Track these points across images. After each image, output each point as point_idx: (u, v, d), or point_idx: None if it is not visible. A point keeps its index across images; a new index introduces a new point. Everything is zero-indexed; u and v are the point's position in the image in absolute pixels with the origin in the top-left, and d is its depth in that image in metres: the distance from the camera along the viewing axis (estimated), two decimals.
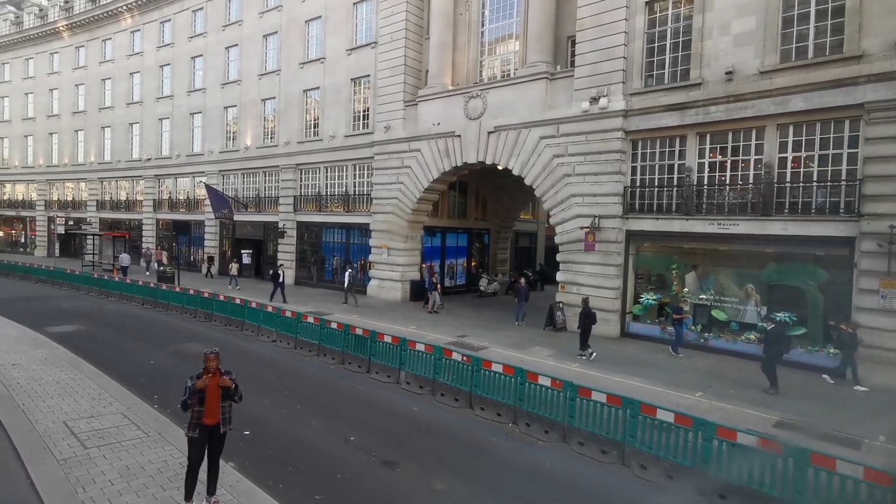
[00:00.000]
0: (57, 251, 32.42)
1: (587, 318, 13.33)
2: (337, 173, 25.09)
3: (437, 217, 23.41)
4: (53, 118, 40.67)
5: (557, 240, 17.01)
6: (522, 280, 18.36)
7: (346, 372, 11.24)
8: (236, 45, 29.62)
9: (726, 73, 13.59)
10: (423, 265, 22.71)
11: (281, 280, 20.36)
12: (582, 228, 15.99)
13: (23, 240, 44.06)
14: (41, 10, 42.22)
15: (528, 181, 17.77)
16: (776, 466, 6.02)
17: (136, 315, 17.20)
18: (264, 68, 28.27)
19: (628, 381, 10.93)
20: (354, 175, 24.36)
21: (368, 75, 23.48)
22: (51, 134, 41.00)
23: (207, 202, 30.80)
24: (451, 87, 20.51)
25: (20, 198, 43.36)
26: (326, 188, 25.50)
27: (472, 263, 26.65)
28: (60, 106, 40.27)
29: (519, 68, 18.90)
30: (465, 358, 9.42)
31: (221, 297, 15.93)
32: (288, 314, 13.34)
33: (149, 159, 34.42)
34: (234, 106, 29.77)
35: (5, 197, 44.29)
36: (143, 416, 7.71)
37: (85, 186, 39.06)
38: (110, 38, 37.11)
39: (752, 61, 13.37)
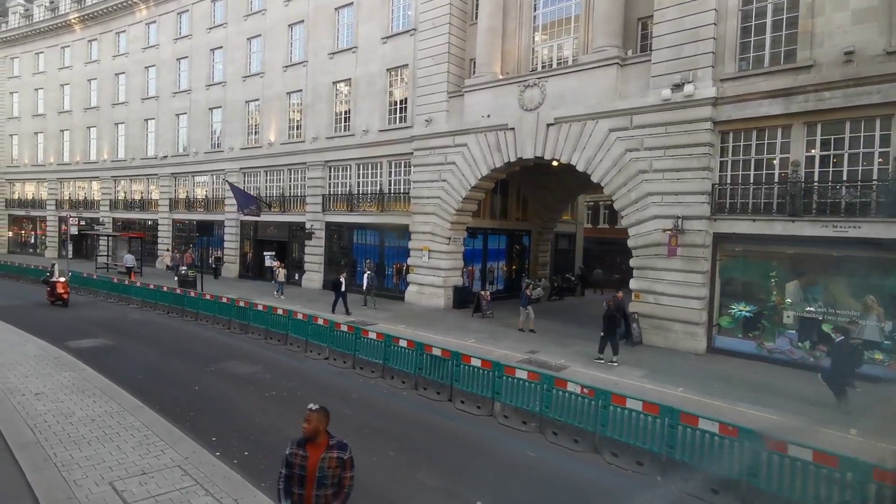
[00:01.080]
0: (70, 252, 30.93)
1: (611, 320, 12.47)
2: (370, 171, 23.44)
3: (478, 217, 21.72)
4: (65, 115, 39.23)
5: (631, 243, 15.29)
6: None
7: (423, 400, 9.58)
8: (259, 35, 28.03)
9: (845, 54, 11.85)
10: (464, 269, 21.08)
11: (343, 289, 18.38)
12: (664, 231, 14.26)
13: (33, 240, 42.66)
14: (52, 2, 40.75)
15: (595, 178, 16.06)
16: None
17: (163, 325, 15.60)
18: (290, 59, 26.67)
19: (754, 410, 9.24)
20: (390, 172, 22.70)
21: (406, 65, 21.82)
22: (62, 131, 39.56)
23: (227, 201, 29.40)
24: (501, 77, 18.83)
25: (30, 197, 41.96)
26: (358, 187, 23.86)
27: (512, 267, 24.96)
28: (72, 102, 38.82)
29: (580, 54, 17.22)
30: (585, 391, 7.74)
31: (260, 307, 14.28)
32: (344, 328, 11.67)
33: (165, 157, 32.89)
34: (257, 100, 28.17)
35: (15, 196, 42.90)
36: (208, 471, 6.06)
37: (97, 185, 37.59)
38: (124, 31, 35.61)
39: (876, 40, 11.63)
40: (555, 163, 18.62)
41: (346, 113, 24.30)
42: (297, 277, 26.53)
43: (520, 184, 23.90)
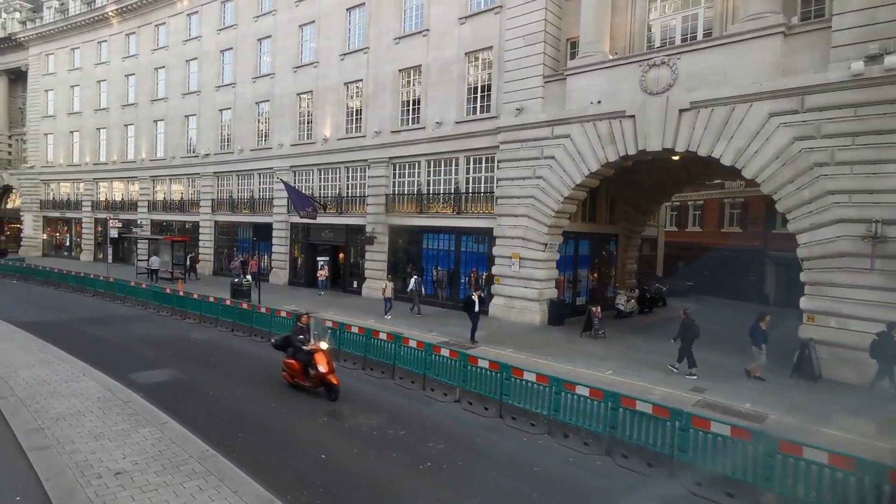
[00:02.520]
0: (110, 256, 29.08)
1: (689, 330, 11.93)
2: (443, 168, 20.91)
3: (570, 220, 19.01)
4: (101, 112, 37.61)
5: (803, 253, 12.45)
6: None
7: (639, 478, 6.92)
8: (312, 22, 25.76)
9: None
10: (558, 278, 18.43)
11: (477, 309, 14.56)
12: (864, 238, 11.37)
13: (68, 243, 41.20)
14: None
15: (748, 173, 13.25)
16: None
17: (234, 349, 13.23)
18: (347, 47, 24.32)
19: None
20: (468, 170, 20.14)
21: (489, 47, 19.24)
22: (98, 129, 37.96)
23: (276, 202, 27.23)
24: (612, 56, 16.13)
25: (65, 198, 40.49)
26: (429, 185, 21.35)
27: (595, 275, 22.17)
28: (109, 99, 37.18)
29: (716, 26, 14.44)
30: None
31: (355, 330, 11.78)
32: (484, 364, 9.06)
33: (207, 155, 30.87)
34: (310, 92, 25.90)
35: (50, 198, 41.51)
36: None
37: (135, 186, 35.82)
38: (164, 23, 33.77)
39: None
40: (675, 157, 15.88)
41: (414, 104, 21.83)
42: (355, 285, 24.16)
43: (608, 182, 21.11)
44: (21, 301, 19.69)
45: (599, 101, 15.82)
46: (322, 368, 9.19)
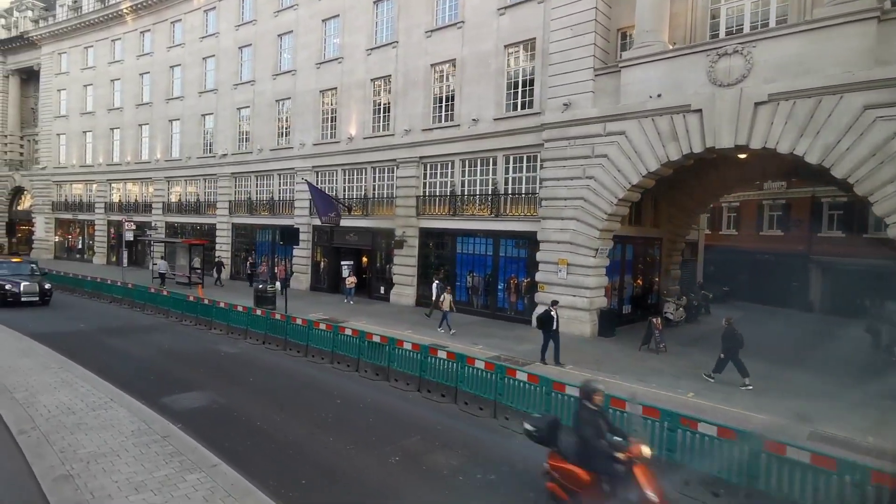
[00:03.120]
0: (125, 260, 28.08)
1: (733, 339, 11.56)
2: (479, 167, 19.72)
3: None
4: (115, 112, 36.72)
5: None
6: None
7: None
8: (336, 16, 24.67)
9: None
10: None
11: (555, 326, 12.74)
12: None
13: (80, 245, 40.34)
14: None
15: (839, 172, 11.96)
16: None
17: (271, 365, 12.03)
18: (374, 42, 23.20)
19: None
20: (507, 169, 18.93)
21: (532, 39, 18.05)
22: (112, 129, 37.07)
23: (297, 204, 26.15)
24: (673, 46, 14.89)
25: (78, 200, 39.63)
26: (464, 186, 20.16)
27: (639, 282, 20.89)
28: (123, 98, 36.29)
29: (790, 12, 13.17)
30: None
31: (408, 346, 10.57)
32: (575, 392, 7.85)
33: (224, 155, 29.85)
34: (334, 89, 24.80)
35: (62, 199, 40.67)
36: None
37: (150, 187, 34.87)
38: (180, 20, 32.82)
39: None
40: (742, 156, 14.61)
41: (447, 100, 20.66)
42: (382, 291, 23.01)
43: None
44: (36, 308, 18.68)
45: (660, 95, 14.58)
46: (652, 497, 4.97)
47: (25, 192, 43.83)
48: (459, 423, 8.75)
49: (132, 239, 28.37)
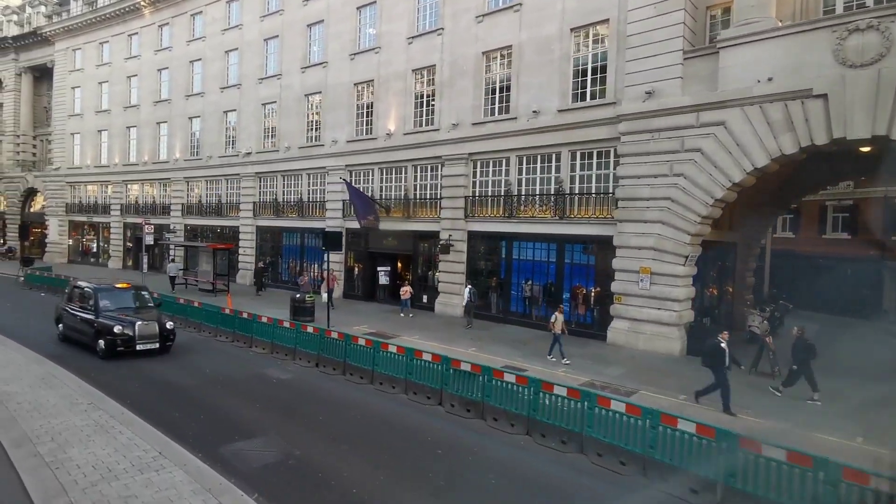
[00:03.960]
0: (145, 265, 26.37)
1: (805, 351, 10.71)
2: (540, 164, 17.82)
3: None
4: (132, 109, 35.14)
5: None
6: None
7: None
8: (372, 2, 22.89)
9: None
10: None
11: (727, 363, 10.04)
12: None
13: (95, 249, 38.80)
14: None
15: None
16: None
17: (339, 400, 9.90)
18: (416, 29, 21.39)
19: None
20: (573, 166, 17.03)
21: (605, 20, 16.15)
22: (128, 128, 35.48)
23: (329, 205, 24.38)
24: (783, 23, 12.94)
25: (93, 201, 38.09)
26: (521, 186, 18.28)
27: (712, 291, 18.90)
28: (140, 95, 34.69)
29: None
30: None
31: (510, 378, 8.68)
32: (780, 456, 5.93)
33: (248, 153, 28.14)
34: (369, 82, 23.01)
35: (76, 201, 39.15)
36: None
37: (168, 188, 33.21)
38: (200, 12, 31.17)
39: None
40: (865, 149, 12.62)
41: (501, 91, 18.80)
42: (424, 300, 21.14)
43: None
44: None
45: (770, 79, 12.64)
46: None
47: (38, 194, 42.40)
48: (589, 479, 6.85)
49: (152, 243, 26.68)
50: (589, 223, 16.39)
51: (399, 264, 23.70)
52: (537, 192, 17.79)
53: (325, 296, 17.34)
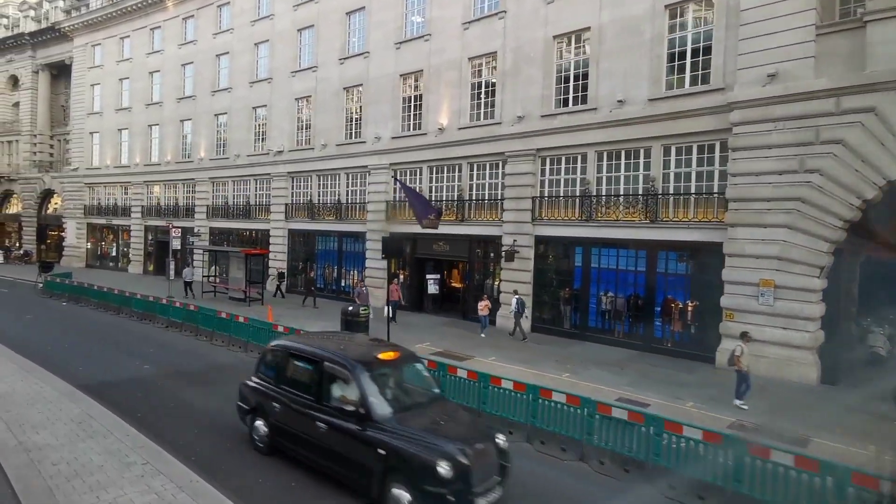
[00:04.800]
0: (172, 272, 24.56)
1: None
2: (624, 161, 15.76)
3: None
4: (154, 107, 33.48)
5: None
6: None
7: None
8: None
9: None
10: None
11: None
12: None
13: (114, 253, 37.16)
14: None
15: None
16: None
17: None
18: (473, 13, 19.45)
19: None
20: (666, 163, 14.94)
21: None
22: (150, 126, 33.82)
23: (371, 207, 22.44)
24: None
25: (112, 203, 36.47)
26: (601, 185, 16.22)
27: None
28: (163, 91, 33.02)
29: None
30: None
31: (688, 432, 6.65)
32: None
33: (280, 152, 26.30)
34: (418, 72, 21.08)
35: (95, 202, 37.56)
36: None
37: (193, 188, 31.46)
38: (228, 3, 29.44)
39: None
40: None
41: (577, 79, 16.77)
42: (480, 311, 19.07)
43: None
44: (79, 335, 15.12)
45: None
46: None
47: (55, 195, 40.91)
48: None
49: (178, 247, 24.90)
50: (688, 227, 14.29)
51: (454, 271, 21.73)
52: (621, 193, 15.71)
53: (386, 309, 15.29)
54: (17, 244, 42.74)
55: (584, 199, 16.39)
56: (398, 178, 19.67)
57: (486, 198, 19.10)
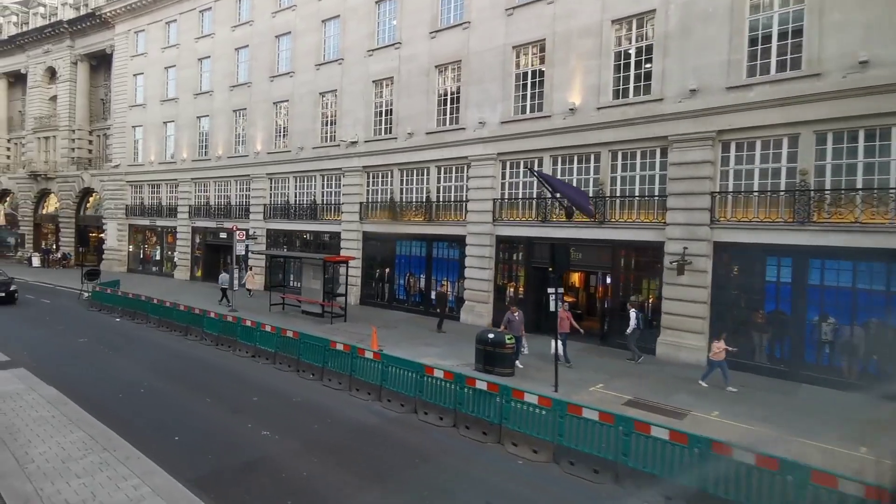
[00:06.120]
0: (237, 283, 21.13)
1: None
2: (863, 143, 11.78)
3: None
4: (203, 96, 30.41)
5: None
6: None
7: None
8: None
9: None
10: None
11: None
12: None
13: (157, 256, 34.22)
14: None
15: None
16: None
17: None
18: None
19: None
20: None
21: None
22: (199, 118, 30.76)
23: (472, 206, 18.87)
24: None
25: (156, 203, 33.56)
26: (821, 176, 12.28)
27: None
28: (213, 79, 29.92)
29: None
30: None
31: None
32: None
33: (354, 142, 22.84)
34: (537, 42, 17.40)
35: (137, 201, 34.71)
36: None
37: (248, 186, 28.25)
38: None
39: None
40: None
41: (784, 37, 12.85)
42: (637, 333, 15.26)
43: None
44: (153, 373, 11.68)
45: None
46: None
47: (94, 194, 38.27)
48: None
49: (243, 252, 21.57)
50: None
51: (631, 287, 18.00)
52: (859, 187, 11.73)
53: (554, 344, 11.56)
54: (55, 246, 40.27)
55: (795, 196, 12.46)
56: (532, 168, 15.84)
57: (637, 194, 15.28)
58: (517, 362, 12.85)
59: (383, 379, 9.98)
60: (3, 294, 20.87)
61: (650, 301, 15.10)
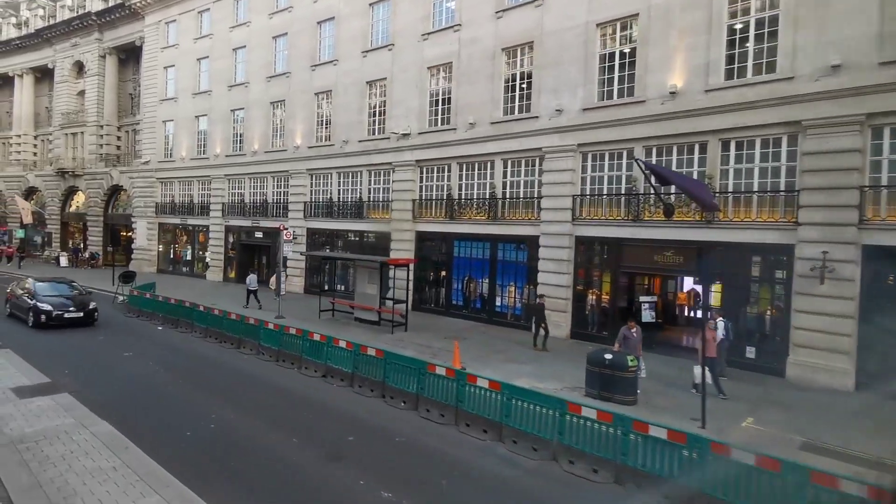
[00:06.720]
0: (283, 288, 19.34)
1: None
2: None
3: None
4: (238, 88, 28.85)
5: None
6: None
7: None
8: None
9: None
10: None
11: None
12: None
13: (188, 256, 32.82)
14: None
15: None
16: None
17: None
18: None
19: None
20: None
21: None
22: (233, 111, 29.21)
23: (546, 203, 16.95)
24: None
25: (187, 200, 32.14)
26: None
27: None
28: (249, 70, 28.33)
29: None
30: None
31: None
32: None
33: (406, 134, 21.03)
34: (627, 19, 15.38)
35: (168, 199, 33.34)
36: None
37: (286, 182, 26.60)
38: None
39: None
40: None
41: None
42: (753, 355, 13.18)
43: None
44: (218, 399, 9.90)
45: None
46: None
47: (123, 191, 37.05)
48: None
49: (289, 254, 19.89)
50: None
51: (748, 298, 15.97)
52: None
53: (698, 372, 9.56)
54: (82, 245, 39.20)
55: None
56: (640, 160, 13.76)
57: (756, 189, 13.19)
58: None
59: (505, 415, 8.08)
60: (82, 314, 16.19)
61: (770, 313, 13.02)
